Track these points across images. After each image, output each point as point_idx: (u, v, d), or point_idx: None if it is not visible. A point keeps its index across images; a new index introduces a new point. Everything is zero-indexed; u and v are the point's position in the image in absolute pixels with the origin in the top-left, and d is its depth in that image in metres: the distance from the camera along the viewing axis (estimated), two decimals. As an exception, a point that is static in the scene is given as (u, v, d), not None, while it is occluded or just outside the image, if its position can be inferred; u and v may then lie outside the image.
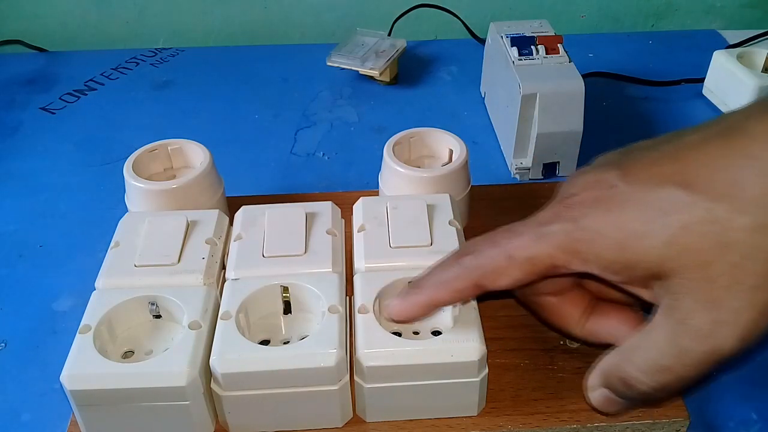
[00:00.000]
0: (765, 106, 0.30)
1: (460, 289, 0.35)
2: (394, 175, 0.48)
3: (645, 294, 0.33)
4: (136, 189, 0.47)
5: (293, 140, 0.67)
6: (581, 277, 0.35)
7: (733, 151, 0.29)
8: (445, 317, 0.41)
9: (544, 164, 0.60)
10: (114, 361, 0.37)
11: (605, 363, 0.35)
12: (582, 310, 0.38)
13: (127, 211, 0.48)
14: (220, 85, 0.76)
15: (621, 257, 0.31)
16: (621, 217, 0.30)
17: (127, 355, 0.40)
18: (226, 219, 0.46)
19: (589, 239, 0.31)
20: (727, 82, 0.67)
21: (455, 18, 0.83)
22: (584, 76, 0.58)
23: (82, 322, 0.38)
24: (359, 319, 0.38)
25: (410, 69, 0.77)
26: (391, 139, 0.50)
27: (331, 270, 0.41)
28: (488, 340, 0.38)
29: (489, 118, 0.69)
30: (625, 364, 0.33)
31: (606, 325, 0.38)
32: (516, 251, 0.33)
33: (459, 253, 0.36)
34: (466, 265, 0.35)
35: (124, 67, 0.79)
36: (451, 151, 0.51)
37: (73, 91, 0.75)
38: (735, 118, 0.31)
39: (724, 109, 0.68)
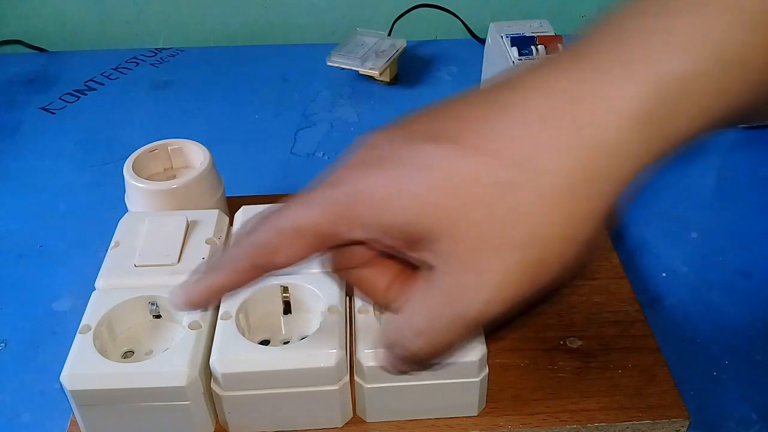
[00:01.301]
0: (531, 64, 0.29)
1: (238, 270, 0.32)
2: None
3: (414, 257, 0.30)
4: (136, 189, 0.47)
5: (293, 140, 0.67)
6: (359, 245, 0.32)
7: (492, 106, 0.28)
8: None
9: (544, 164, 0.59)
10: (114, 361, 0.37)
11: (386, 325, 0.34)
12: (389, 280, 0.34)
13: (127, 211, 0.48)
14: (220, 85, 0.76)
15: (380, 220, 0.29)
16: (380, 178, 0.29)
17: (127, 355, 0.40)
18: (226, 219, 0.46)
19: (350, 203, 0.29)
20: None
21: (455, 18, 0.83)
22: (584, 76, 0.57)
23: (82, 322, 0.38)
24: (359, 319, 0.38)
25: (410, 69, 0.77)
26: None
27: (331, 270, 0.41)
28: (488, 340, 0.38)
29: (489, 118, 0.69)
30: (393, 327, 0.31)
31: (405, 293, 0.32)
32: (283, 223, 0.31)
33: (239, 235, 0.34)
34: (243, 244, 0.32)
35: (124, 67, 0.79)
36: None
37: (73, 91, 0.75)
38: (506, 76, 0.29)
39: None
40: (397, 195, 0.28)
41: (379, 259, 0.34)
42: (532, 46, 0.60)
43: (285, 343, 0.40)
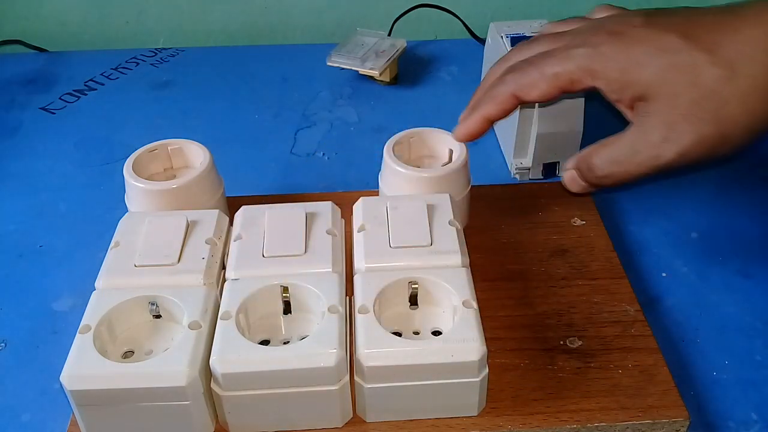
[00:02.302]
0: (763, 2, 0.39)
1: (503, 100, 0.44)
2: (395, 176, 0.48)
3: (629, 114, 0.42)
4: (136, 189, 0.47)
5: (293, 140, 0.67)
6: (589, 93, 0.44)
7: (724, 23, 0.39)
8: (445, 317, 0.41)
9: (544, 164, 0.60)
10: (114, 361, 0.37)
11: (582, 152, 0.44)
12: None
13: (127, 211, 0.48)
14: (220, 85, 0.76)
15: (621, 78, 0.40)
16: (630, 49, 0.40)
17: (127, 355, 0.40)
18: (226, 219, 0.46)
19: (603, 62, 0.40)
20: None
21: (455, 18, 0.83)
22: (584, 76, 0.58)
23: (82, 322, 0.38)
24: (359, 319, 0.38)
25: (410, 69, 0.77)
26: (391, 139, 0.50)
27: (331, 270, 0.41)
28: (488, 340, 0.38)
29: (489, 118, 0.69)
30: (594, 153, 0.43)
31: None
32: (546, 68, 0.42)
33: (500, 72, 0.45)
34: (507, 81, 0.44)
35: (124, 67, 0.79)
36: (451, 151, 0.51)
37: (73, 91, 0.75)
38: (739, 4, 0.40)
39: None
40: (640, 64, 0.40)
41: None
42: (532, 46, 0.60)
43: (285, 343, 0.40)
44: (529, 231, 0.52)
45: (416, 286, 0.41)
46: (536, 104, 0.57)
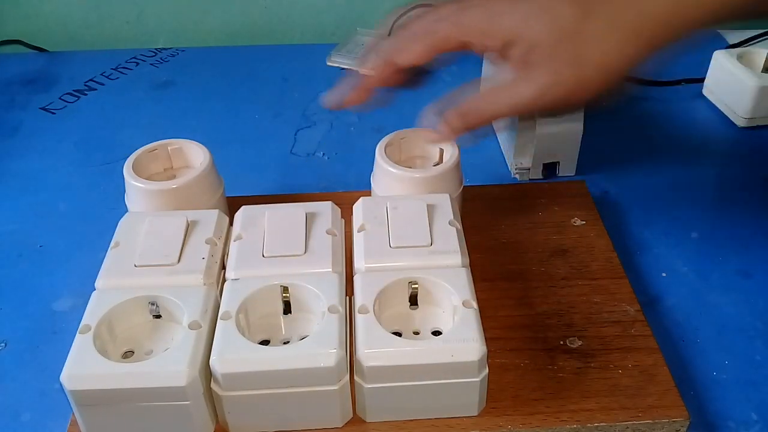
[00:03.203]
0: None
1: (378, 67, 0.45)
2: (386, 176, 0.49)
3: (505, 61, 0.43)
4: (136, 189, 0.47)
5: (293, 140, 0.67)
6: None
7: None
8: (445, 317, 0.41)
9: (544, 164, 0.60)
10: (114, 361, 0.37)
11: (444, 99, 0.46)
12: None
13: (127, 211, 0.48)
14: (220, 85, 0.76)
15: (487, 29, 0.42)
16: (493, 3, 0.42)
17: (127, 355, 0.40)
18: (226, 219, 0.46)
19: (469, 16, 0.42)
20: (727, 82, 0.67)
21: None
22: (584, 76, 0.58)
23: (82, 322, 0.38)
24: (359, 319, 0.38)
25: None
26: (382, 140, 0.51)
27: (331, 270, 0.41)
28: (488, 340, 0.38)
29: (489, 118, 0.69)
30: (457, 98, 0.45)
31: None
32: (417, 29, 0.45)
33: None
34: (382, 48, 0.45)
35: (124, 67, 0.79)
36: (442, 151, 0.51)
37: (73, 91, 0.75)
38: None
39: (723, 109, 0.68)
40: (499, 13, 0.41)
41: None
42: (532, 46, 0.60)
43: (285, 343, 0.40)
44: (529, 231, 0.52)
45: (416, 286, 0.41)
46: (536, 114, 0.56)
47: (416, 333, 0.41)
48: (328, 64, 0.73)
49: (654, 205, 0.58)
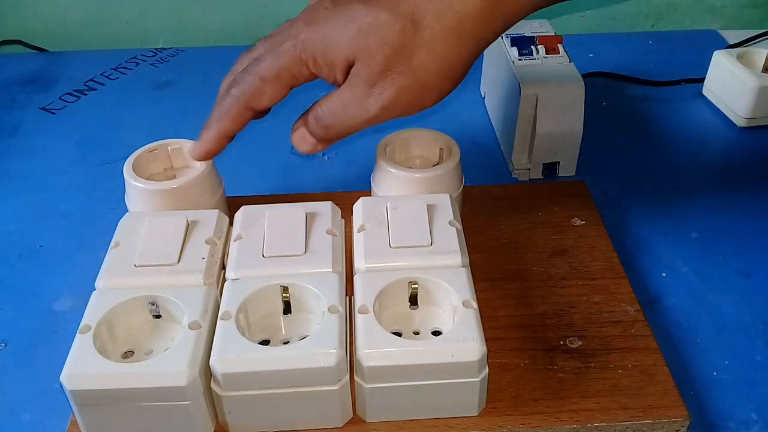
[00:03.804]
0: None
1: (236, 114, 0.45)
2: (386, 176, 0.49)
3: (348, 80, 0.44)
4: (136, 189, 0.47)
5: (293, 140, 0.67)
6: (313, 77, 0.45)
7: None
8: (445, 317, 0.41)
9: (544, 164, 0.60)
10: (114, 361, 0.37)
11: (310, 111, 0.46)
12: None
13: (127, 211, 0.48)
14: (220, 85, 0.76)
15: (325, 57, 0.42)
16: (324, 30, 0.42)
17: (127, 355, 0.40)
18: (226, 219, 0.46)
19: (307, 48, 0.42)
20: (727, 82, 0.67)
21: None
22: (584, 76, 0.58)
23: (82, 322, 0.38)
24: (359, 319, 0.38)
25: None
26: (382, 140, 0.51)
27: (331, 270, 0.41)
28: (488, 340, 0.38)
29: (489, 118, 0.69)
30: (319, 104, 0.45)
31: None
32: (265, 73, 0.44)
33: (226, 87, 0.47)
34: (234, 95, 0.45)
35: (124, 67, 0.79)
36: (442, 151, 0.51)
37: (73, 91, 0.75)
38: None
39: (723, 109, 0.68)
40: (331, 41, 0.42)
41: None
42: (532, 46, 0.60)
43: (285, 343, 0.40)
44: (529, 231, 0.52)
45: (416, 286, 0.41)
46: (537, 101, 0.57)
47: (416, 333, 0.41)
48: (328, 64, 0.73)
49: (654, 205, 0.58)
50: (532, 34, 0.62)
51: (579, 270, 0.48)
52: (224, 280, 0.41)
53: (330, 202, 0.46)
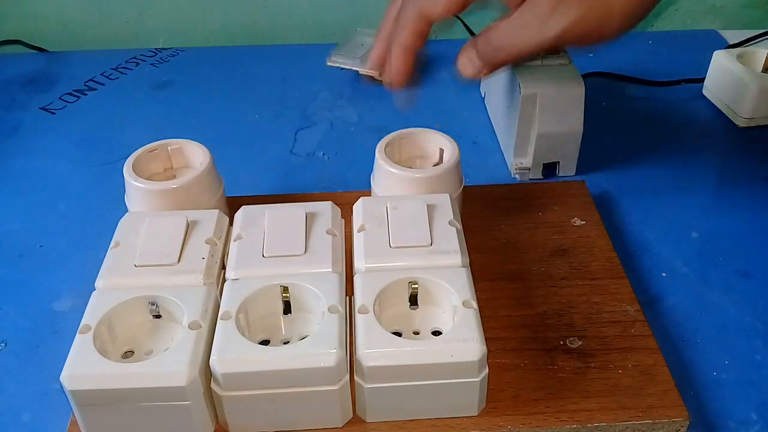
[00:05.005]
0: None
1: (413, 25, 0.46)
2: (386, 176, 0.49)
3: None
4: (136, 189, 0.47)
5: (293, 140, 0.67)
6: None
7: None
8: (445, 317, 0.41)
9: (544, 164, 0.60)
10: (114, 361, 0.37)
11: (481, 33, 0.46)
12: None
13: (127, 211, 0.48)
14: (220, 85, 0.76)
15: None
16: None
17: (127, 355, 0.40)
18: (226, 219, 0.46)
19: None
20: (728, 82, 0.67)
21: (455, 18, 0.83)
22: (584, 76, 0.58)
23: (82, 322, 0.38)
24: (359, 319, 0.38)
25: (410, 69, 0.77)
26: (382, 140, 0.51)
27: (331, 270, 0.41)
28: (488, 340, 0.38)
29: (489, 118, 0.69)
30: (493, 26, 0.45)
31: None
32: None
33: (402, 3, 0.47)
34: (408, 5, 0.46)
35: (124, 67, 0.79)
36: (442, 151, 0.51)
37: (73, 91, 0.75)
38: None
39: (724, 109, 0.68)
40: None
41: None
42: (532, 46, 0.60)
43: (285, 343, 0.40)
44: (529, 231, 0.52)
45: (416, 286, 0.41)
46: (537, 101, 0.57)
47: (416, 333, 0.41)
48: (328, 64, 0.73)
49: (654, 205, 0.58)
50: (532, 34, 0.62)
51: (579, 270, 0.49)
52: (224, 280, 0.41)
53: (330, 202, 0.46)
